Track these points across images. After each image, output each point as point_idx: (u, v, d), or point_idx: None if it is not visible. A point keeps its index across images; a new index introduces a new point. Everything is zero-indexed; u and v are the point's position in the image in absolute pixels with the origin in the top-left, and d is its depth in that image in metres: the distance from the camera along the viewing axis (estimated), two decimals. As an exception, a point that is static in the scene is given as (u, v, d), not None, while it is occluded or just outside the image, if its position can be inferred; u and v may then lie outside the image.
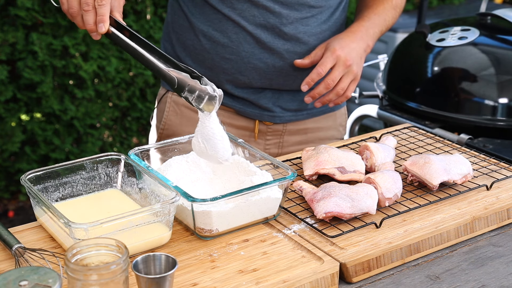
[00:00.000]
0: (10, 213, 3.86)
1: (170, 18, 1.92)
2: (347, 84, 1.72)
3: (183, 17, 1.86)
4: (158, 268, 1.12)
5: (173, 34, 1.90)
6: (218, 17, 1.79)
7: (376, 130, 2.15)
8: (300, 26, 1.79)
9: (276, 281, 1.19)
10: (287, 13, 1.77)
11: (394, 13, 1.91)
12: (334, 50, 1.70)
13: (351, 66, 1.71)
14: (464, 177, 1.52)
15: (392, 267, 1.30)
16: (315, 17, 1.81)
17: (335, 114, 2.00)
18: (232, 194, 1.29)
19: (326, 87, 1.70)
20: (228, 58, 1.81)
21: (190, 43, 1.85)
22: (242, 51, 1.80)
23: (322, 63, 1.70)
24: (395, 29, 4.59)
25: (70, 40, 3.65)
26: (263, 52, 1.79)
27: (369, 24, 1.81)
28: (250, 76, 1.82)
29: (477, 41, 2.12)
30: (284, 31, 1.78)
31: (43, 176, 1.36)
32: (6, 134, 3.64)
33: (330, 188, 1.39)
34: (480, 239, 1.41)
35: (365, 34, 1.78)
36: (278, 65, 1.81)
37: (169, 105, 1.95)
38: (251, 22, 1.77)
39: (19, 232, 1.33)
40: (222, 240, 1.31)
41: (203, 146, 1.39)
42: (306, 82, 1.71)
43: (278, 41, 1.79)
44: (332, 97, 1.73)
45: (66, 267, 1.04)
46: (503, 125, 2.01)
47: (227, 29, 1.79)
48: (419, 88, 2.16)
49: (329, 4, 1.83)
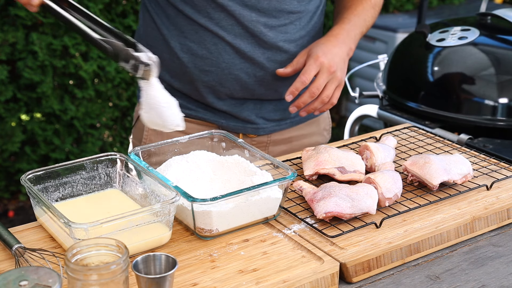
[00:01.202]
0: (10, 213, 3.86)
1: (143, 31, 1.85)
2: (332, 91, 1.67)
3: (156, 29, 1.79)
4: (158, 268, 1.12)
5: (148, 48, 1.79)
6: (194, 28, 1.73)
7: (376, 130, 2.15)
8: (279, 34, 1.75)
9: (276, 281, 1.19)
10: (266, 21, 1.72)
11: (374, 12, 1.86)
12: (317, 57, 1.64)
13: (335, 72, 1.65)
14: (464, 177, 1.52)
15: (392, 267, 1.30)
16: (293, 24, 1.76)
17: (318, 120, 1.96)
18: (232, 194, 1.29)
19: (311, 96, 1.65)
20: (207, 70, 1.75)
21: (166, 57, 1.78)
22: (222, 62, 1.74)
23: (305, 71, 1.64)
24: (395, 29, 4.59)
25: (70, 40, 3.65)
26: (243, 62, 1.75)
27: (349, 26, 1.76)
28: (231, 87, 1.77)
29: (477, 41, 2.12)
30: (264, 40, 1.73)
31: (43, 176, 1.36)
32: (6, 134, 3.64)
33: (330, 188, 1.39)
34: (480, 239, 1.41)
35: (347, 37, 1.74)
36: (259, 74, 1.76)
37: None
38: (230, 32, 1.72)
39: (19, 232, 1.33)
40: (222, 240, 1.32)
41: (150, 115, 1.37)
42: (290, 92, 1.64)
43: (258, 50, 1.74)
44: (317, 105, 1.67)
45: (66, 267, 1.04)
46: (503, 125, 2.01)
47: (205, 40, 1.73)
48: (419, 88, 2.16)
49: (308, 9, 1.78)
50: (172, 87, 1.81)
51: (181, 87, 1.81)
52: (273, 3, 1.71)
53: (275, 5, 1.71)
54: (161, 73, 1.81)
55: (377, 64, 2.59)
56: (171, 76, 1.80)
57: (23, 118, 3.76)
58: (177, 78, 1.80)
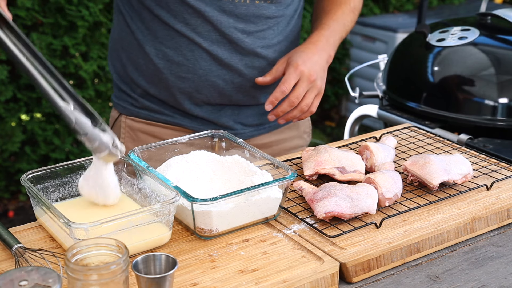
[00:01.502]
0: (10, 213, 3.86)
1: (117, 34, 1.81)
2: (311, 99, 1.66)
3: (130, 34, 1.76)
4: (158, 268, 1.12)
5: (122, 52, 1.80)
6: (170, 34, 1.70)
7: (376, 130, 2.15)
8: (257, 40, 1.73)
9: (276, 281, 1.19)
10: (243, 27, 1.70)
11: (353, 16, 1.84)
12: (297, 66, 1.63)
13: (315, 81, 1.64)
14: (464, 177, 1.52)
15: (392, 267, 1.30)
16: (271, 29, 1.75)
17: (298, 123, 1.95)
18: (232, 194, 1.29)
19: (290, 105, 1.63)
20: (184, 77, 1.73)
21: (142, 62, 1.75)
22: (199, 69, 1.72)
23: (285, 80, 1.62)
24: (395, 29, 4.59)
25: (70, 40, 3.65)
26: (220, 69, 1.72)
27: (329, 32, 1.74)
28: (209, 94, 1.75)
29: (477, 41, 2.12)
30: (241, 46, 1.71)
31: (43, 176, 1.36)
32: (6, 134, 3.64)
33: (330, 188, 1.39)
34: (480, 239, 1.41)
35: (326, 44, 1.72)
36: (236, 81, 1.75)
37: (124, 130, 1.85)
38: (207, 38, 1.69)
39: (19, 232, 1.33)
40: (222, 240, 1.31)
41: (94, 191, 1.32)
42: (270, 102, 1.63)
43: (235, 56, 1.72)
44: (296, 113, 1.66)
45: (66, 267, 1.04)
46: (503, 125, 2.00)
47: (181, 46, 1.71)
48: (419, 88, 2.15)
49: (286, 14, 1.76)
50: (148, 93, 1.79)
51: (157, 93, 1.78)
52: (251, 8, 1.69)
53: (253, 11, 1.69)
54: (137, 79, 1.77)
55: (377, 64, 2.59)
56: (147, 81, 1.77)
57: (23, 118, 3.76)
58: (153, 84, 1.77)
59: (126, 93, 1.83)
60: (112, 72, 1.88)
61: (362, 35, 4.86)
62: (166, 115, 1.80)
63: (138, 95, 1.81)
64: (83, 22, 3.65)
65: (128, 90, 1.82)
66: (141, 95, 1.81)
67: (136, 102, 1.82)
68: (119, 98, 1.86)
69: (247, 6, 1.68)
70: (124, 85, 1.83)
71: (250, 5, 1.68)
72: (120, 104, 1.86)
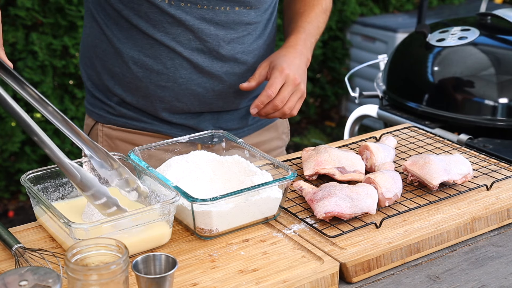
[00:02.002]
0: (10, 213, 3.86)
1: (91, 41, 1.77)
2: (294, 103, 1.65)
3: (106, 41, 1.72)
4: (158, 268, 1.12)
5: (97, 60, 1.76)
6: (149, 43, 1.68)
7: (376, 130, 2.15)
8: (237, 46, 1.72)
9: (276, 281, 1.19)
10: (224, 34, 1.69)
11: (325, 17, 1.84)
12: (282, 69, 1.63)
13: (299, 84, 1.64)
14: (464, 177, 1.52)
15: (392, 267, 1.30)
16: (250, 34, 1.74)
17: (276, 124, 1.95)
18: (232, 194, 1.29)
19: (274, 108, 1.63)
20: (164, 85, 1.71)
21: (118, 70, 1.72)
22: (179, 78, 1.70)
23: (271, 85, 1.62)
24: (395, 29, 4.59)
25: (70, 40, 3.65)
26: (201, 77, 1.71)
27: (305, 36, 1.74)
28: (189, 102, 1.74)
29: (477, 41, 2.12)
30: (222, 53, 1.70)
31: (43, 176, 1.36)
32: (6, 134, 3.64)
33: (330, 188, 1.39)
34: (480, 239, 1.41)
35: (304, 48, 1.72)
36: (217, 88, 1.74)
37: (101, 139, 1.82)
38: (187, 47, 1.68)
39: (19, 232, 1.33)
40: (222, 240, 1.31)
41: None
42: (256, 105, 1.63)
43: (216, 64, 1.71)
44: (277, 115, 1.66)
45: (66, 267, 1.04)
46: (503, 125, 2.01)
47: (161, 55, 1.68)
48: (419, 88, 2.16)
49: (263, 18, 1.76)
50: (124, 101, 1.76)
51: (135, 102, 1.75)
52: (231, 15, 1.68)
53: (233, 18, 1.69)
54: (113, 87, 1.74)
55: (377, 64, 2.59)
56: (123, 90, 1.75)
57: (23, 118, 3.75)
58: (130, 92, 1.74)
59: (101, 100, 1.80)
60: (84, 79, 1.84)
61: (362, 35, 4.86)
62: (145, 122, 1.78)
63: (114, 103, 1.78)
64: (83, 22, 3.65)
65: (104, 98, 1.79)
66: (118, 103, 1.78)
67: (113, 110, 1.79)
68: (93, 105, 1.83)
69: (227, 13, 1.68)
70: (98, 93, 1.80)
71: (230, 12, 1.68)
72: (95, 112, 1.82)
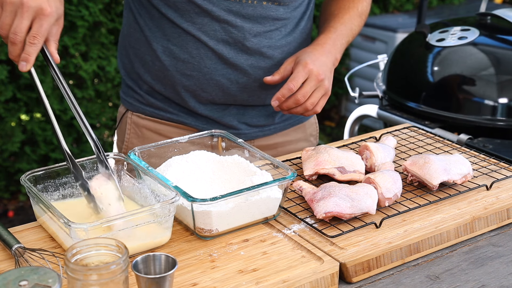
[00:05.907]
0: (10, 213, 3.86)
1: (126, 31, 1.82)
2: (317, 99, 1.64)
3: (139, 30, 1.76)
4: (158, 268, 1.12)
5: (130, 48, 1.81)
6: (177, 32, 1.70)
7: (376, 130, 2.15)
8: (263, 40, 1.72)
9: (276, 281, 1.19)
10: (250, 27, 1.69)
11: (360, 21, 1.84)
12: (306, 64, 1.62)
13: (323, 80, 1.63)
14: (464, 177, 1.52)
15: (392, 267, 1.30)
16: (279, 30, 1.74)
17: (304, 125, 1.94)
18: (232, 194, 1.29)
19: (295, 103, 1.62)
20: (189, 74, 1.73)
21: (149, 58, 1.76)
22: (204, 67, 1.72)
23: (293, 78, 1.61)
24: (395, 29, 4.59)
25: (70, 40, 3.65)
26: (226, 68, 1.72)
27: (336, 36, 1.74)
28: (213, 93, 1.74)
29: (477, 41, 2.13)
30: (247, 46, 1.71)
31: (43, 176, 1.36)
32: (6, 134, 3.64)
33: (330, 188, 1.39)
34: (480, 239, 1.41)
35: (333, 47, 1.71)
36: (241, 81, 1.74)
37: (129, 126, 1.86)
38: (213, 37, 1.69)
39: (19, 232, 1.33)
40: (222, 240, 1.31)
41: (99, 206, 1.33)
42: (276, 98, 1.62)
43: (241, 56, 1.71)
44: (300, 110, 1.65)
45: (66, 267, 1.04)
46: (503, 125, 2.01)
47: (187, 44, 1.70)
48: (419, 88, 2.16)
49: (294, 16, 1.76)
50: (153, 90, 1.79)
51: (163, 90, 1.78)
52: (258, 9, 1.69)
53: (260, 12, 1.69)
54: (143, 75, 1.78)
55: (377, 64, 2.59)
56: (152, 78, 1.78)
57: (23, 118, 3.76)
58: (158, 80, 1.77)
59: (132, 89, 1.85)
60: (120, 68, 1.89)
61: (362, 35, 4.86)
62: (171, 112, 1.81)
63: (144, 91, 1.82)
64: (83, 22, 3.65)
65: (135, 86, 1.83)
66: (147, 91, 1.81)
67: (142, 99, 1.83)
68: (126, 94, 1.88)
69: (254, 7, 1.68)
70: (131, 81, 1.84)
71: (257, 6, 1.69)
72: (127, 100, 1.87)
